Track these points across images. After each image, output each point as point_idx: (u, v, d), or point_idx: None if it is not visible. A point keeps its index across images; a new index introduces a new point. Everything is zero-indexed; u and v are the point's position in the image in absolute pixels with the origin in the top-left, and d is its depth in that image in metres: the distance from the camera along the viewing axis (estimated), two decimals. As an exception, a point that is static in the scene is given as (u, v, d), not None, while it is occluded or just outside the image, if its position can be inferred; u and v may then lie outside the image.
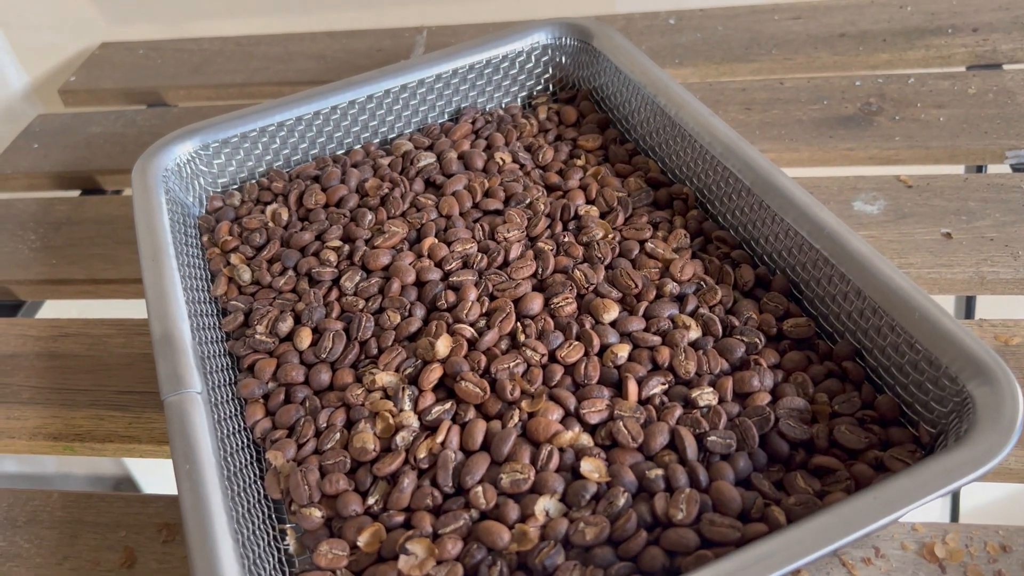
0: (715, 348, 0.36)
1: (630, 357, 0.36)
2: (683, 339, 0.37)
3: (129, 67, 0.73)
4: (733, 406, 0.34)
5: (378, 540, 0.32)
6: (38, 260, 0.54)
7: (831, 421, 0.34)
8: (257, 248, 0.46)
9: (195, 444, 0.33)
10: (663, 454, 0.33)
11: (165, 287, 0.39)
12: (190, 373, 0.35)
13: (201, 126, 0.49)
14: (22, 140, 0.65)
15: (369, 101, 0.51)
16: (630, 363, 0.36)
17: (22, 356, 0.46)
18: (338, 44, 0.71)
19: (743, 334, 0.37)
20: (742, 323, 0.38)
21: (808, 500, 0.30)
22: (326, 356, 0.39)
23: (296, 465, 0.35)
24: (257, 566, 0.31)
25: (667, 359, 0.36)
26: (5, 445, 0.42)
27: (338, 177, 0.49)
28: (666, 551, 0.30)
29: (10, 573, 0.37)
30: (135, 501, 0.39)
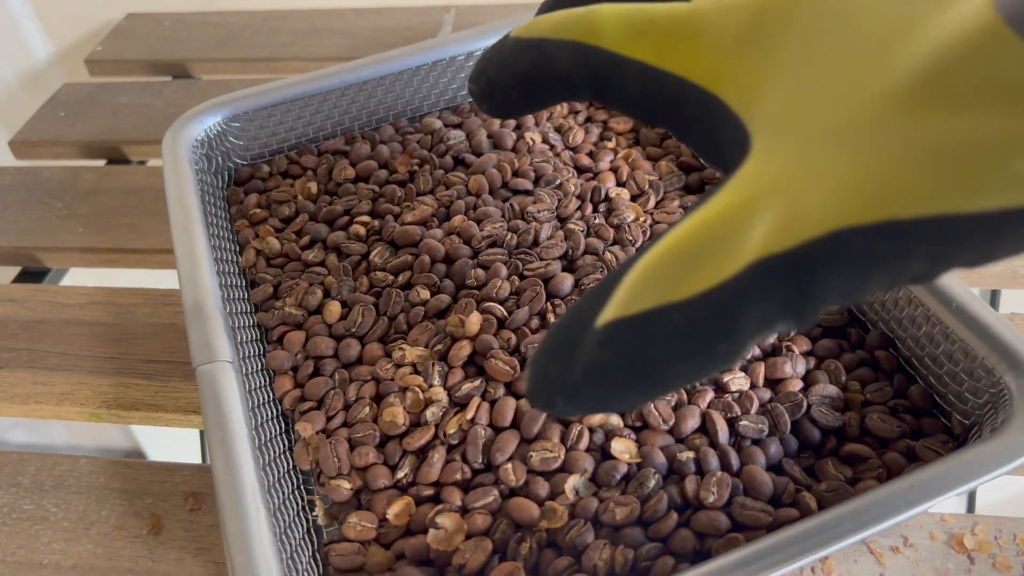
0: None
1: None
2: None
3: (155, 38, 0.73)
4: (764, 392, 0.34)
5: (408, 513, 0.32)
6: (64, 228, 0.54)
7: (862, 409, 0.34)
8: (285, 220, 0.46)
9: (227, 413, 0.33)
10: (693, 437, 0.33)
11: (197, 256, 0.39)
12: (222, 342, 0.36)
13: (231, 98, 0.49)
14: (48, 108, 0.65)
15: (399, 78, 0.51)
16: None
17: (49, 323, 0.47)
18: (365, 21, 0.71)
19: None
20: None
21: (839, 487, 0.30)
22: (355, 330, 0.39)
23: (325, 437, 0.35)
24: (287, 535, 0.31)
25: None
26: (33, 410, 0.42)
27: (367, 152, 0.49)
28: (696, 533, 0.30)
29: (38, 536, 0.37)
30: (161, 469, 0.39)
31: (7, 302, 0.48)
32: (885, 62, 0.19)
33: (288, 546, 0.31)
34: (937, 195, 0.18)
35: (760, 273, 0.20)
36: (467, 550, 0.30)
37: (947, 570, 0.32)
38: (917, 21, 0.19)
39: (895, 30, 0.20)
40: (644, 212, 0.43)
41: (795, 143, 0.21)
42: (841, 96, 0.20)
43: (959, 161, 0.17)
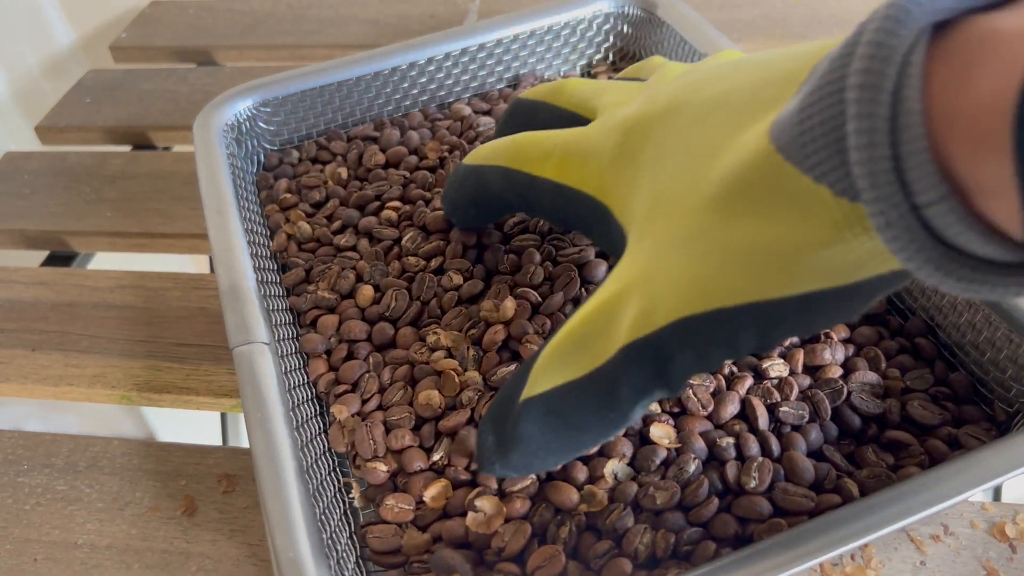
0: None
1: None
2: None
3: (180, 25, 0.73)
4: (804, 379, 0.34)
5: (444, 496, 0.32)
6: (92, 212, 0.54)
7: (903, 397, 0.33)
8: (316, 205, 0.46)
9: (265, 393, 0.33)
10: (733, 423, 0.33)
11: (231, 239, 0.39)
12: (258, 324, 0.36)
13: (261, 83, 0.49)
14: (74, 94, 0.65)
15: (429, 64, 0.51)
16: None
17: (79, 306, 0.47)
18: (390, 9, 0.71)
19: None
20: None
21: (881, 473, 0.30)
22: (389, 314, 0.39)
23: (361, 420, 0.35)
24: (326, 516, 0.31)
25: None
26: (64, 392, 0.42)
27: (397, 139, 0.49)
28: (738, 518, 0.30)
29: (72, 516, 0.37)
30: (195, 451, 0.39)
31: (37, 285, 0.48)
32: (704, 178, 0.24)
33: (328, 527, 0.31)
34: (750, 288, 0.22)
35: (629, 356, 0.25)
36: (506, 533, 0.30)
37: (988, 559, 0.32)
38: (725, 143, 0.23)
39: (712, 150, 0.24)
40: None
41: (650, 246, 0.25)
42: (679, 205, 0.24)
43: (761, 259, 0.22)
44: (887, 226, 0.18)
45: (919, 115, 0.18)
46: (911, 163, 0.18)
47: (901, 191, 0.18)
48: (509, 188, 0.34)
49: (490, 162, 0.35)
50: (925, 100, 0.18)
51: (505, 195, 0.35)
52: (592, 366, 0.26)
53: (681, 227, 0.24)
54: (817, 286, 0.22)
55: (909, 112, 0.18)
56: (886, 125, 0.18)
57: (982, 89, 0.17)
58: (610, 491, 0.31)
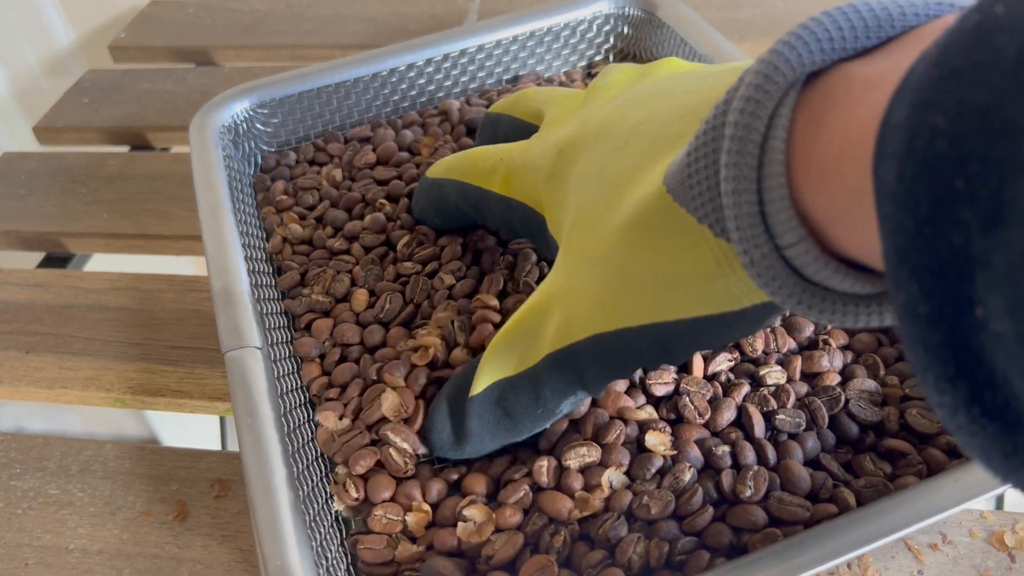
0: (783, 327, 0.36)
1: None
2: None
3: (178, 25, 0.73)
4: (801, 386, 0.33)
5: (424, 523, 0.32)
6: (89, 213, 0.54)
7: (901, 404, 0.33)
8: (309, 208, 0.46)
9: (257, 398, 0.32)
10: (729, 431, 0.32)
11: (225, 242, 0.39)
12: (251, 327, 0.35)
13: (258, 84, 0.48)
14: (72, 94, 0.65)
15: (427, 65, 0.50)
16: None
17: (74, 307, 0.47)
18: (389, 8, 0.71)
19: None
20: None
21: (879, 483, 0.30)
22: (382, 316, 0.38)
23: (347, 430, 0.35)
24: (317, 523, 0.31)
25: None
26: (58, 395, 0.42)
27: (391, 137, 0.48)
28: (732, 528, 0.29)
29: (64, 520, 0.37)
30: (186, 455, 0.39)
31: (33, 287, 0.48)
32: (615, 206, 0.26)
33: (318, 534, 0.30)
34: (650, 310, 0.25)
35: (551, 363, 0.28)
36: (498, 541, 0.30)
37: (987, 568, 0.31)
38: (634, 175, 0.25)
39: (624, 180, 0.26)
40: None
41: (571, 263, 0.28)
42: (595, 228, 0.26)
43: (657, 286, 0.24)
44: (751, 264, 0.20)
45: (781, 164, 0.19)
46: (772, 208, 0.19)
47: (765, 233, 0.20)
48: (464, 200, 0.36)
49: (447, 176, 0.37)
50: (789, 147, 0.19)
51: (461, 206, 0.37)
52: (523, 367, 0.29)
53: (595, 249, 0.26)
54: (707, 311, 0.24)
55: (773, 161, 0.19)
56: (753, 173, 0.19)
57: (831, 132, 0.18)
58: (605, 500, 0.31)
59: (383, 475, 0.33)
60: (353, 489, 0.32)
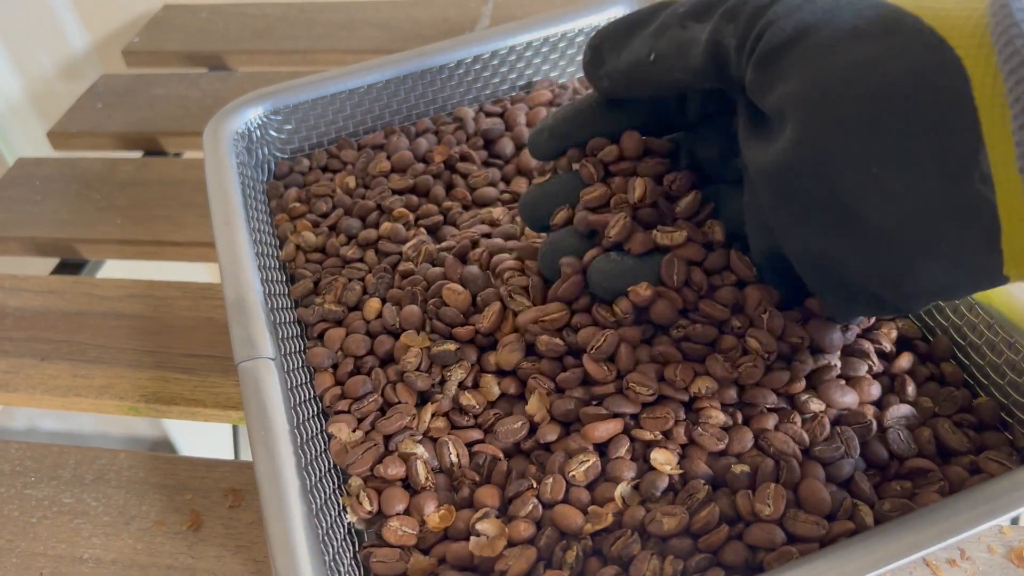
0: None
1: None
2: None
3: (191, 30, 0.73)
4: (832, 412, 0.33)
5: (447, 519, 0.32)
6: (103, 220, 0.54)
7: (932, 420, 0.32)
8: (323, 215, 0.45)
9: (270, 410, 0.32)
10: (751, 452, 0.32)
11: (238, 251, 0.39)
12: (264, 338, 0.35)
13: (272, 91, 0.48)
14: (86, 99, 0.65)
15: (441, 72, 0.50)
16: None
17: (88, 315, 0.47)
18: (402, 13, 0.71)
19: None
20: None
21: (902, 505, 0.29)
22: (394, 325, 0.38)
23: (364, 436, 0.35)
24: (330, 536, 0.31)
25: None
26: (73, 403, 0.42)
27: (405, 145, 0.48)
28: (749, 546, 0.29)
29: (79, 530, 0.37)
30: (201, 465, 0.39)
31: (47, 293, 0.48)
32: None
33: (331, 548, 0.30)
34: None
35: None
36: (511, 557, 0.29)
37: (1007, 587, 0.31)
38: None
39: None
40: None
41: None
42: None
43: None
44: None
45: None
46: None
47: None
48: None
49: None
50: None
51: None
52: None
53: None
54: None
55: None
56: None
57: None
58: (617, 515, 0.30)
59: (396, 488, 0.33)
60: (367, 502, 0.32)
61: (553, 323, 0.35)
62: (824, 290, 0.29)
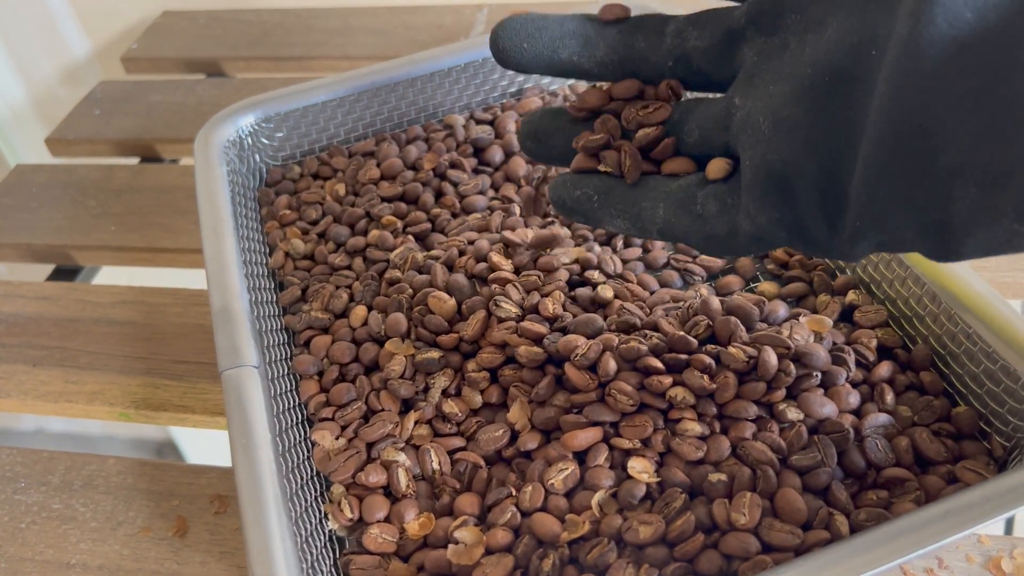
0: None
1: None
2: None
3: (190, 36, 0.73)
4: (810, 421, 0.33)
5: (427, 527, 0.32)
6: (98, 226, 0.54)
7: (911, 429, 0.32)
8: (312, 223, 0.46)
9: (251, 419, 0.33)
10: (729, 460, 0.32)
11: (225, 260, 0.39)
12: (248, 347, 0.35)
13: (264, 98, 0.49)
14: (84, 106, 0.66)
15: (431, 79, 0.50)
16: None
17: (81, 321, 0.47)
18: (398, 19, 0.71)
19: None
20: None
21: (878, 514, 0.29)
22: (379, 332, 0.38)
23: (343, 448, 0.35)
24: (309, 544, 0.31)
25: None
26: (63, 408, 0.43)
27: (395, 152, 0.48)
28: (724, 555, 0.29)
29: (66, 535, 0.37)
30: (188, 471, 0.39)
31: (41, 300, 0.48)
32: None
33: (309, 555, 0.30)
34: None
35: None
36: (488, 565, 0.30)
37: (984, 596, 0.31)
38: None
39: None
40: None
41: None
42: None
43: None
44: None
45: None
46: None
47: None
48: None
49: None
50: None
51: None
52: None
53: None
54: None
55: None
56: None
57: None
58: (595, 523, 0.31)
59: (378, 495, 0.33)
60: (347, 509, 0.33)
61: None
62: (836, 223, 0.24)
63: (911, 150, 0.22)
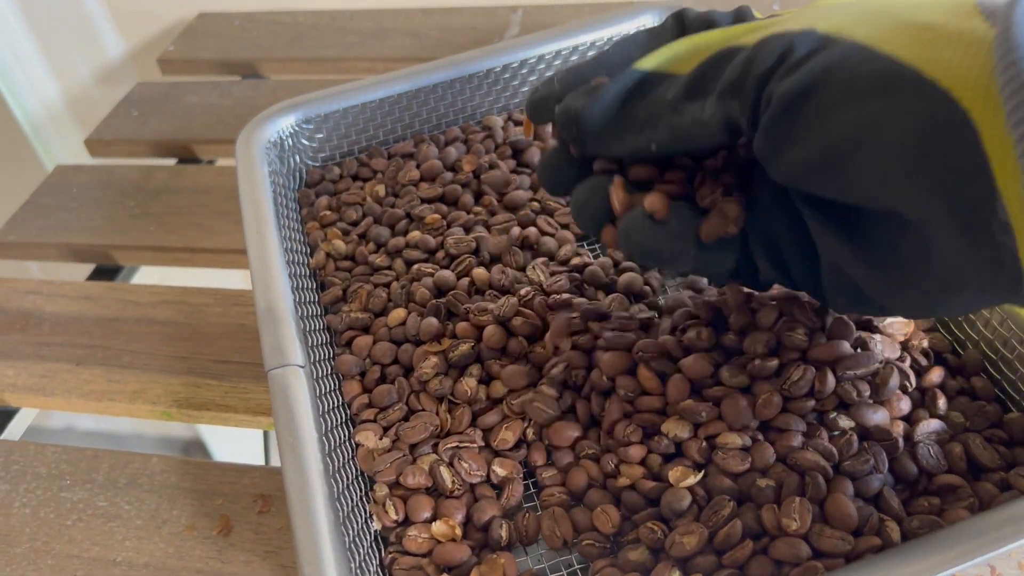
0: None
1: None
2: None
3: (225, 38, 0.74)
4: (860, 428, 0.32)
5: (451, 535, 0.32)
6: (137, 226, 0.55)
7: (964, 435, 0.32)
8: (353, 223, 0.46)
9: (298, 418, 0.33)
10: (776, 467, 0.31)
11: (269, 259, 0.39)
12: (293, 346, 0.36)
13: (304, 100, 0.49)
14: (123, 107, 0.67)
15: (470, 81, 0.50)
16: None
17: (122, 320, 0.47)
18: (432, 21, 0.71)
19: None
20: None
21: (931, 522, 0.29)
22: (416, 334, 0.38)
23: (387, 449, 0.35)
24: (356, 544, 0.31)
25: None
26: (106, 407, 0.43)
27: (434, 154, 0.49)
28: (775, 561, 0.29)
29: (112, 533, 0.37)
30: (231, 470, 0.40)
31: (83, 299, 0.49)
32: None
33: (357, 555, 0.30)
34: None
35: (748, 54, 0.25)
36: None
37: (1038, 606, 0.31)
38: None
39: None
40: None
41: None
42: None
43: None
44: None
45: None
46: None
47: None
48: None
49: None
50: None
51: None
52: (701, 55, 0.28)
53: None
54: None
55: None
56: None
57: None
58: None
59: (421, 495, 0.33)
60: (392, 510, 0.33)
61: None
62: (839, 301, 0.29)
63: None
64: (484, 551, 0.32)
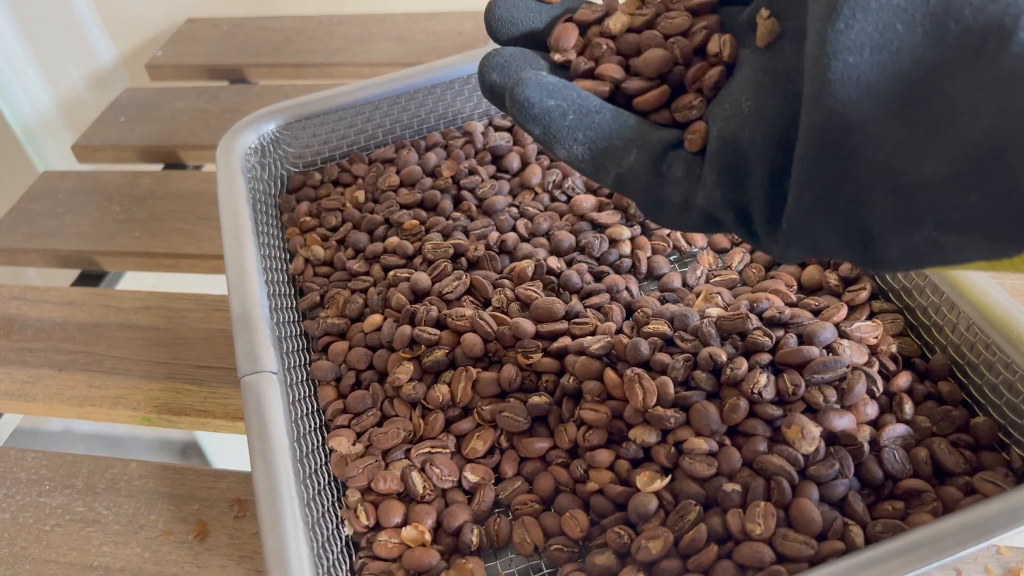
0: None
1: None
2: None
3: (213, 43, 0.74)
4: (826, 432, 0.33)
5: (420, 540, 0.32)
6: (122, 232, 0.55)
7: (927, 440, 0.32)
8: (332, 229, 0.46)
9: (269, 424, 0.33)
10: (743, 471, 0.32)
11: (246, 266, 0.40)
12: (267, 353, 0.36)
13: (285, 106, 0.49)
14: (110, 113, 0.67)
15: (450, 87, 0.51)
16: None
17: (104, 326, 0.48)
18: (418, 26, 0.71)
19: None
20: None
21: (894, 526, 0.29)
22: (391, 341, 0.38)
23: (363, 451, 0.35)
24: (325, 549, 0.31)
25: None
26: (87, 412, 0.43)
27: (414, 159, 0.49)
28: (738, 565, 0.29)
29: (89, 538, 0.38)
30: (208, 475, 0.40)
31: (66, 305, 0.49)
32: None
33: (326, 561, 0.31)
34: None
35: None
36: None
37: (1003, 609, 0.31)
38: None
39: None
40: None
41: None
42: None
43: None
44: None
45: None
46: None
47: None
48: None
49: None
50: None
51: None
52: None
53: None
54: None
55: None
56: None
57: None
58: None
59: (394, 500, 0.34)
60: (364, 515, 0.33)
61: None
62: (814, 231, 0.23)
63: (831, 152, 0.21)
64: (454, 556, 0.32)
